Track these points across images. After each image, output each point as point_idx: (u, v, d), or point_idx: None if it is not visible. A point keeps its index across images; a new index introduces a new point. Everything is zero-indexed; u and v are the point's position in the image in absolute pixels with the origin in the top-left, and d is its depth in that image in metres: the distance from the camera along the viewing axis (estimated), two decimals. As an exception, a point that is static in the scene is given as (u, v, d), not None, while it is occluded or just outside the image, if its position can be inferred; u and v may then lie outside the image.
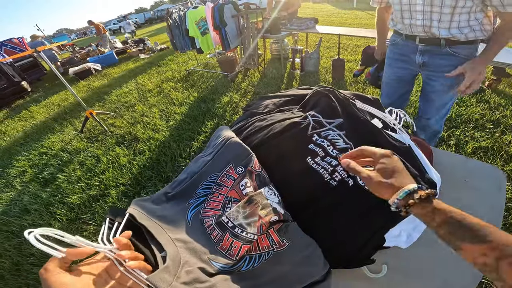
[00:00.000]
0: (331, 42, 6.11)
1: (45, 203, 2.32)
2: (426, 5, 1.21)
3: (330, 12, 13.22)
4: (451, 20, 1.20)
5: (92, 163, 2.76)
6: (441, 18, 1.21)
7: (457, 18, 1.18)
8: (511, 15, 1.11)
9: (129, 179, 2.40)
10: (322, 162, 0.67)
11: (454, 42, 1.26)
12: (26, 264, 1.80)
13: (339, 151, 0.68)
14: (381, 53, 1.88)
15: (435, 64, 1.37)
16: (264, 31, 3.98)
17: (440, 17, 1.20)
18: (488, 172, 0.97)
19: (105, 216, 0.57)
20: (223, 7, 3.71)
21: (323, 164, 0.67)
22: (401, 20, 1.38)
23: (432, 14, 1.22)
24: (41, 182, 2.68)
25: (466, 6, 1.13)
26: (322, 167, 0.66)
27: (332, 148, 0.69)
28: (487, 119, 2.58)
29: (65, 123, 4.05)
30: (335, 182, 0.64)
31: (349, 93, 0.91)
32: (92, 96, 5.16)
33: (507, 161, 2.07)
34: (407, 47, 1.44)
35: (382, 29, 1.72)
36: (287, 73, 4.42)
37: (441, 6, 1.17)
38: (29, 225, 2.11)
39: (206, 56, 5.78)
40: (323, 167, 0.66)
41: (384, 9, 1.59)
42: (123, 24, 20.21)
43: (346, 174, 0.64)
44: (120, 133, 3.25)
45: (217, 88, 4.18)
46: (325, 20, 10.08)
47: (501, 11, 1.10)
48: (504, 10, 1.09)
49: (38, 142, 3.57)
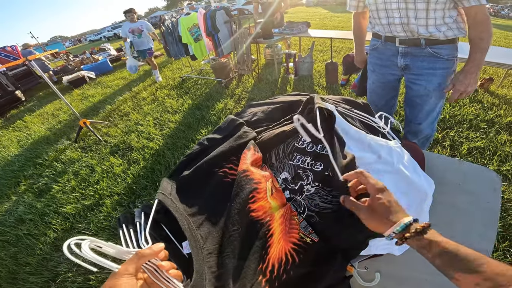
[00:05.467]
0: (324, 45, 6.16)
1: (39, 213, 2.30)
2: (400, 2, 1.21)
3: (323, 16, 13.37)
4: (427, 17, 1.20)
5: (87, 173, 2.73)
6: (417, 15, 1.21)
7: (433, 15, 1.18)
8: (474, 9, 1.11)
9: (123, 189, 2.37)
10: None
11: (434, 42, 1.26)
12: (22, 273, 1.79)
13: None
14: (361, 61, 1.86)
15: (417, 66, 1.36)
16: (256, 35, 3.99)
17: (416, 13, 1.21)
18: (482, 174, 0.96)
19: (132, 220, 0.60)
20: (215, 13, 3.72)
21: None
22: (378, 21, 1.37)
23: (408, 11, 1.22)
24: (35, 192, 2.66)
25: (440, 2, 1.14)
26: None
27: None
28: (481, 119, 2.60)
29: (59, 133, 4.02)
30: None
31: (340, 98, 0.90)
32: (86, 104, 5.13)
33: (503, 161, 2.07)
34: (388, 50, 1.43)
35: (360, 37, 1.70)
36: (281, 77, 4.43)
37: (415, 2, 1.17)
38: (24, 235, 2.09)
39: (200, 63, 5.78)
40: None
41: (360, 14, 1.59)
42: (118, 30, 20.27)
43: None
44: (114, 142, 3.22)
45: (212, 95, 4.18)
46: (318, 23, 10.17)
47: (466, 5, 1.11)
48: (468, 5, 1.10)
49: (32, 152, 3.53)
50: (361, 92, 2.22)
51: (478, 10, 1.11)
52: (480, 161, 2.08)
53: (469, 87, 1.24)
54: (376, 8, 1.32)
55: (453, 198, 0.86)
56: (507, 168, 1.98)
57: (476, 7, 1.10)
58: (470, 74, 1.22)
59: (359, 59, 1.84)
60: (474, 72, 1.21)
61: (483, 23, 1.13)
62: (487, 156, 2.12)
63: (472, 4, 1.09)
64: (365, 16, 1.59)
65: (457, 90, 1.27)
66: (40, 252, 1.92)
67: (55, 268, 1.77)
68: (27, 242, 2.03)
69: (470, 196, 0.88)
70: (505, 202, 1.73)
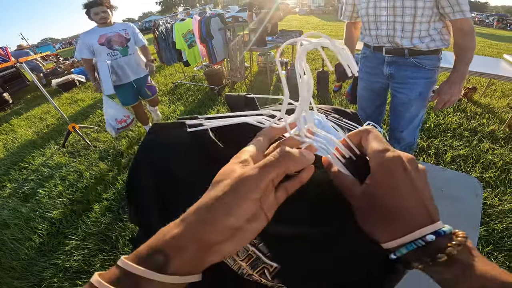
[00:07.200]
0: (315, 54, 6.29)
1: (25, 218, 2.25)
2: (389, 15, 1.28)
3: (315, 24, 13.67)
4: (412, 30, 1.26)
5: (75, 178, 2.68)
6: (403, 28, 1.27)
7: (418, 27, 1.25)
8: (459, 22, 1.18)
9: (112, 194, 2.34)
10: None
11: (417, 52, 1.32)
12: (6, 278, 1.75)
13: None
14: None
15: (400, 75, 1.42)
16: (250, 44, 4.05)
17: (403, 26, 1.27)
18: (464, 181, 1.01)
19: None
20: (210, 20, 3.76)
21: None
22: (368, 32, 1.44)
23: (395, 24, 1.29)
24: (21, 197, 2.59)
25: (425, 15, 1.20)
26: None
27: None
28: (465, 128, 2.70)
29: (46, 137, 3.93)
30: None
31: (329, 107, 0.93)
32: (75, 108, 5.05)
33: (486, 168, 2.15)
34: (376, 59, 1.50)
35: (351, 46, 1.77)
36: (273, 85, 4.49)
37: (402, 15, 1.24)
38: (9, 239, 2.04)
39: (193, 69, 5.80)
40: None
41: (352, 24, 1.66)
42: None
43: None
44: (104, 148, 3.18)
45: (204, 102, 4.19)
46: (310, 32, 10.37)
47: (452, 18, 1.17)
48: (454, 18, 1.16)
49: (18, 156, 3.44)
50: (353, 100, 2.29)
51: (463, 23, 1.18)
52: (464, 169, 2.16)
53: (453, 96, 1.31)
54: (368, 20, 1.39)
55: (436, 203, 0.90)
56: (490, 175, 2.06)
57: (462, 20, 1.16)
58: (454, 84, 1.29)
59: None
60: (458, 82, 1.28)
61: (468, 35, 1.20)
62: (470, 164, 2.20)
63: (457, 17, 1.15)
64: (356, 26, 1.66)
65: (442, 99, 1.33)
66: (25, 257, 1.87)
67: (41, 273, 1.73)
68: (11, 246, 1.97)
69: (452, 202, 0.92)
70: (488, 208, 1.80)
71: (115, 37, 2.46)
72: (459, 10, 1.13)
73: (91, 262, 1.74)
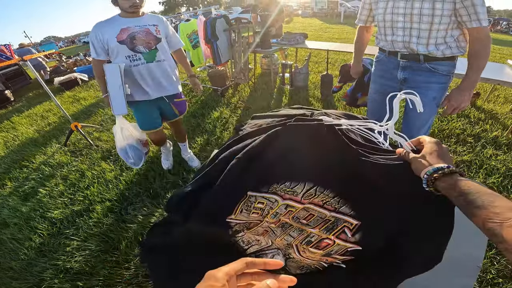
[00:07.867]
0: (319, 57, 6.29)
1: (25, 217, 2.23)
2: (406, 21, 1.29)
3: (318, 27, 13.69)
4: (429, 37, 1.26)
5: (76, 177, 2.67)
6: (420, 35, 1.28)
7: (435, 35, 1.25)
8: (476, 30, 1.18)
9: (115, 195, 2.32)
10: None
11: (432, 59, 1.33)
12: (5, 278, 1.73)
13: None
14: (356, 72, 1.94)
15: (414, 80, 1.43)
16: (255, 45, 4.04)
17: (419, 33, 1.27)
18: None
19: None
20: (215, 21, 3.76)
21: None
22: (384, 37, 1.45)
23: (411, 30, 1.29)
24: (21, 196, 2.56)
25: (443, 23, 1.20)
26: None
27: None
28: (468, 134, 2.69)
29: (48, 135, 3.92)
30: None
31: (340, 113, 0.93)
32: (77, 107, 5.04)
33: (489, 174, 2.14)
34: (391, 63, 1.50)
35: (360, 49, 1.78)
36: (276, 88, 4.49)
37: (419, 22, 1.24)
38: (8, 239, 2.02)
39: (197, 70, 5.79)
40: None
41: (364, 28, 1.66)
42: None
43: None
44: (107, 147, 3.17)
45: (207, 103, 4.17)
46: (313, 34, 10.40)
47: (468, 26, 1.18)
48: (470, 26, 1.16)
49: (19, 154, 3.43)
50: (350, 102, 2.28)
51: (479, 31, 1.18)
52: (467, 174, 2.15)
53: (463, 103, 1.30)
54: (384, 25, 1.40)
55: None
56: (493, 180, 2.05)
57: (478, 28, 1.16)
58: (464, 91, 1.29)
59: (354, 70, 1.93)
60: (469, 89, 1.28)
61: (483, 44, 1.20)
62: (474, 169, 2.20)
63: (474, 25, 1.15)
64: (369, 30, 1.67)
65: (451, 105, 1.33)
66: (24, 257, 1.85)
67: (40, 273, 1.71)
68: (10, 246, 1.96)
69: (456, 207, 0.91)
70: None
71: (142, 34, 1.72)
72: (476, 19, 1.14)
73: (93, 264, 1.72)
